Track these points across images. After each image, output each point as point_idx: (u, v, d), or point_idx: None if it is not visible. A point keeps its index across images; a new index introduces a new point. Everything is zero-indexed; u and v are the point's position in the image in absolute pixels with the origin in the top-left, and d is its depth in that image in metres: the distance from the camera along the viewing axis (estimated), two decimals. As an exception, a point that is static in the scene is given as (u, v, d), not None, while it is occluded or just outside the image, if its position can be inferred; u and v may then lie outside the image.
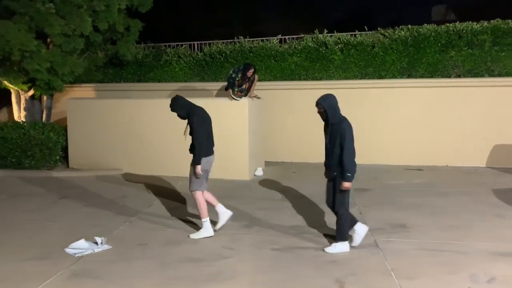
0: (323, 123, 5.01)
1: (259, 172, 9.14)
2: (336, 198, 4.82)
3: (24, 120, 10.45)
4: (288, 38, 11.77)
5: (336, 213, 4.90)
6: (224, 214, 5.41)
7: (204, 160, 5.22)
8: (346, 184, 4.72)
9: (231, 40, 11.93)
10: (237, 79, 8.49)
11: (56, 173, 9.10)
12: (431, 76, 10.30)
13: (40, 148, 9.17)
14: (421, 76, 10.35)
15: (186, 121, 5.30)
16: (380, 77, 10.55)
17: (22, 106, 10.65)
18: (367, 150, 10.31)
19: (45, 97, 11.00)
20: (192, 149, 5.28)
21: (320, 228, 5.59)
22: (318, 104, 4.85)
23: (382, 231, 5.45)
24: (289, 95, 10.77)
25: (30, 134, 9.16)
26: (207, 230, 5.22)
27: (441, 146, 10.01)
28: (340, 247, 4.78)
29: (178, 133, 8.88)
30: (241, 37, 11.59)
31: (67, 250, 4.76)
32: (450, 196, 7.21)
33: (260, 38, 11.75)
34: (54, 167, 9.40)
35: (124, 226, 5.71)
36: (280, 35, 11.62)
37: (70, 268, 4.33)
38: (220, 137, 8.63)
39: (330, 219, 5.94)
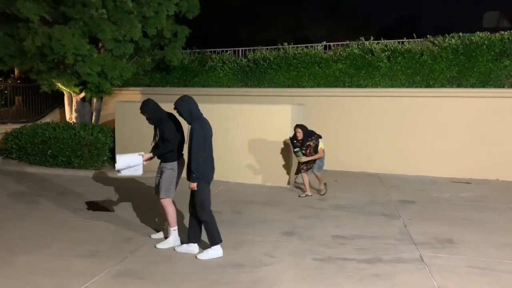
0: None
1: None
2: (195, 202, 4.72)
3: (75, 121, 10.89)
4: (333, 44, 11.68)
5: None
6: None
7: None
8: (191, 185, 4.62)
9: (275, 47, 11.97)
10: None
11: (103, 173, 9.41)
12: (483, 86, 9.91)
13: (89, 148, 9.51)
14: (472, 86, 9.98)
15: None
16: (428, 86, 10.25)
17: (74, 108, 11.12)
18: (412, 161, 10.08)
19: (95, 100, 11.44)
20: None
21: (363, 239, 5.46)
22: (175, 108, 4.73)
23: (428, 245, 5.25)
24: (333, 102, 10.67)
25: (80, 135, 9.52)
26: (175, 239, 5.07)
27: (492, 159, 9.59)
28: (212, 253, 4.71)
29: (221, 138, 9.01)
30: (285, 43, 11.60)
31: (117, 172, 4.93)
32: (502, 212, 6.87)
33: (304, 45, 11.72)
34: (101, 167, 9.72)
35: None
36: (325, 42, 11.54)
37: (116, 267, 4.44)
38: (262, 143, 8.68)
39: (375, 230, 5.81)
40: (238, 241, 5.30)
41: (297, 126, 7.75)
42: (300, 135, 7.64)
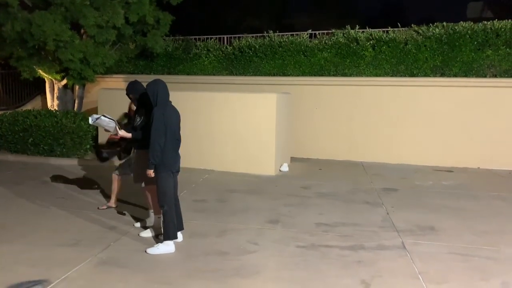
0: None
1: (285, 168, 9.10)
2: (157, 191, 4.63)
3: (56, 108, 10.71)
4: (319, 33, 11.65)
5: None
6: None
7: None
8: (147, 171, 4.53)
9: (261, 34, 11.89)
10: None
11: (86, 161, 9.29)
12: (466, 76, 10.02)
13: (71, 136, 9.38)
14: (455, 75, 10.08)
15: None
16: (412, 75, 10.32)
17: (55, 95, 10.91)
18: (395, 150, 10.20)
19: (77, 87, 11.25)
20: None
21: (346, 227, 5.52)
22: (144, 90, 4.76)
23: (409, 233, 5.33)
24: (318, 91, 10.68)
25: (62, 123, 9.37)
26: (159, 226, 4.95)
27: (473, 147, 9.75)
28: (162, 248, 4.55)
29: (205, 127, 8.96)
30: (271, 31, 11.53)
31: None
32: (482, 200, 7.01)
33: (289, 33, 11.68)
34: (84, 156, 9.60)
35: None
36: (310, 30, 11.52)
37: (98, 255, 4.41)
38: (247, 131, 8.66)
39: (358, 218, 5.87)
40: (222, 229, 5.31)
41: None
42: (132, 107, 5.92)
